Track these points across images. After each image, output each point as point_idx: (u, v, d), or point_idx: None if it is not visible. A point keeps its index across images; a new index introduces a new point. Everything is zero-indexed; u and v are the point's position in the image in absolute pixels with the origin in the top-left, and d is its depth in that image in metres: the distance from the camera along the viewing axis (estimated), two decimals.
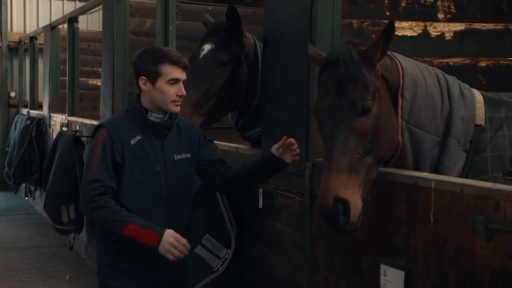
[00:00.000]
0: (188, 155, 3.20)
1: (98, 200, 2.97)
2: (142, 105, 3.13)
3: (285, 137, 2.94)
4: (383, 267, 2.55)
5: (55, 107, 8.92)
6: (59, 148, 6.83)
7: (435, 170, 2.77)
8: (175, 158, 3.15)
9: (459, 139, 2.81)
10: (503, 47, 3.77)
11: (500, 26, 3.73)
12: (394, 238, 2.53)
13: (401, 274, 2.46)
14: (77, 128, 7.29)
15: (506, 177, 2.86)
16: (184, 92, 3.10)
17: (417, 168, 2.75)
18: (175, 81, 3.06)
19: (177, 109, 3.11)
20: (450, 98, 2.82)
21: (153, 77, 3.06)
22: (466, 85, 2.97)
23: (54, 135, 7.78)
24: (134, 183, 3.06)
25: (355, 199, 2.36)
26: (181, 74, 3.08)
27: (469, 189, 2.20)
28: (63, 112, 8.39)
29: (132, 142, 3.07)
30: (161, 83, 3.05)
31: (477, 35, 3.69)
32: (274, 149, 3.00)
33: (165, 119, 3.14)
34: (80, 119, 7.44)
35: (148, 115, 3.10)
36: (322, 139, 2.55)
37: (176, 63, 3.06)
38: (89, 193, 2.98)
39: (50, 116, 8.96)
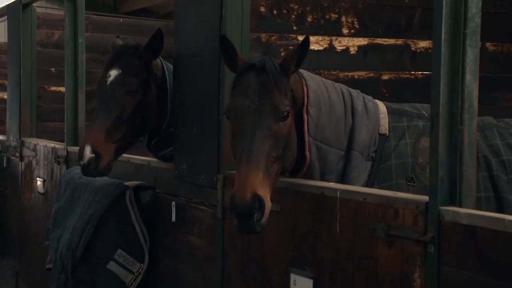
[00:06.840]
0: None
1: None
2: None
3: None
4: (292, 276, 2.61)
5: None
6: None
7: (341, 182, 2.87)
8: None
9: (362, 151, 2.93)
10: (403, 61, 3.96)
11: (400, 42, 3.92)
12: (302, 247, 2.59)
13: (310, 282, 2.52)
14: None
15: (409, 183, 3.00)
16: None
17: (324, 181, 2.84)
18: None
19: None
20: (353, 113, 2.94)
21: None
22: (370, 98, 3.10)
23: None
24: None
25: (268, 200, 2.40)
26: None
27: (371, 198, 2.30)
28: None
29: None
30: None
31: (379, 50, 3.86)
32: None
33: None
34: None
35: None
36: (236, 137, 2.54)
37: None
38: None
39: None
